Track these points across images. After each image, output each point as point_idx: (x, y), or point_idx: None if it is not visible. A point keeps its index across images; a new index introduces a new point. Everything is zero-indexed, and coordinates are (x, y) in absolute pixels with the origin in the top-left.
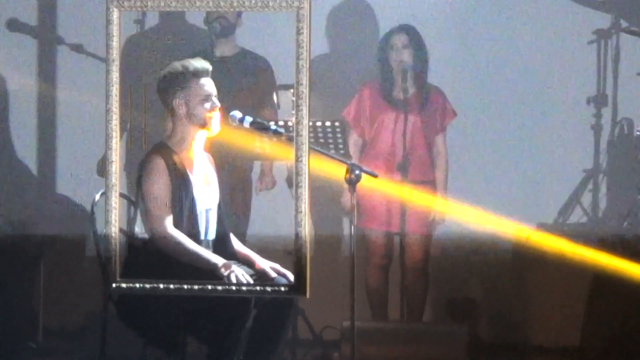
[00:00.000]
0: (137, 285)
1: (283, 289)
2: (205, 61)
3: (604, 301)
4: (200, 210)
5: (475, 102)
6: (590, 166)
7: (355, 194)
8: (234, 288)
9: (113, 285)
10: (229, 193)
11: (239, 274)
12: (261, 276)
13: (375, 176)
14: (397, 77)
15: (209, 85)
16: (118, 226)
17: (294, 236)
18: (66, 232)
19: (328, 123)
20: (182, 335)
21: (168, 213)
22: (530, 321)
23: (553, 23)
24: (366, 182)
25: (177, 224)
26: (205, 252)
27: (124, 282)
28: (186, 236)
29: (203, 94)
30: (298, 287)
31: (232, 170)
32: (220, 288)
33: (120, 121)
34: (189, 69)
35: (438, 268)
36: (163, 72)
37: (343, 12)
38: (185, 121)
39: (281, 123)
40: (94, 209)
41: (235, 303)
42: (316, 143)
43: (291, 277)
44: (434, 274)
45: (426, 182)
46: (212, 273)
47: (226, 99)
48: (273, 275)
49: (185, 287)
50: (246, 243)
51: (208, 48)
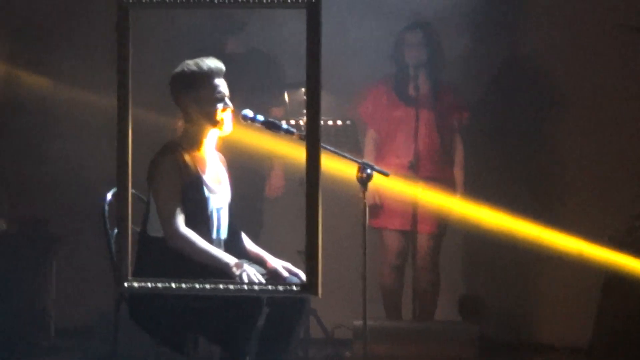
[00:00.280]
0: (149, 284)
1: (295, 288)
2: (218, 61)
3: (615, 299)
4: (211, 209)
5: (489, 100)
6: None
7: (366, 193)
8: (246, 287)
9: (125, 284)
10: (241, 192)
11: (251, 273)
12: (273, 275)
13: (386, 175)
14: (412, 74)
15: (222, 85)
16: (130, 225)
17: (306, 235)
18: (78, 231)
19: (339, 122)
20: (194, 334)
21: (179, 212)
22: (541, 320)
23: (572, 18)
24: (381, 181)
25: (189, 223)
26: (216, 251)
27: (136, 281)
28: (198, 235)
29: (216, 94)
30: (310, 287)
31: (244, 169)
32: (232, 287)
33: (132, 119)
34: (203, 68)
35: (450, 267)
36: (176, 71)
37: (354, 9)
38: (197, 120)
39: (292, 122)
40: (106, 208)
41: (247, 302)
42: (327, 142)
43: (303, 276)
44: (445, 273)
45: (441, 180)
46: (224, 272)
47: (236, 97)
48: (285, 274)
49: (197, 287)
50: (258, 242)
51: (218, 46)
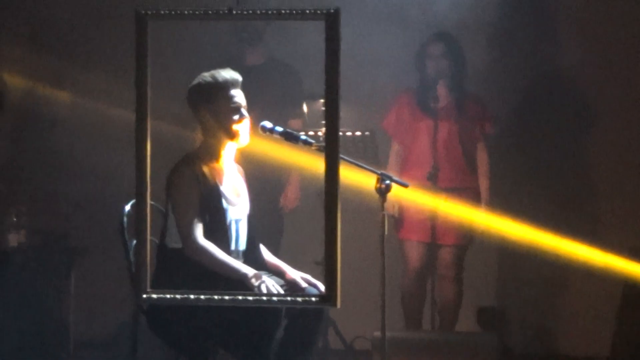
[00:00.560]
0: (168, 295)
1: (314, 300)
2: (235, 72)
3: (635, 310)
4: (230, 220)
5: (515, 112)
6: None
7: (385, 204)
8: (265, 298)
9: (143, 295)
10: (260, 203)
11: (270, 285)
12: (292, 286)
13: (406, 186)
14: (434, 86)
15: (239, 96)
16: (149, 237)
17: (325, 246)
18: (97, 243)
19: (358, 133)
20: (213, 346)
21: (198, 223)
22: (561, 331)
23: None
24: (404, 193)
25: (207, 235)
26: (235, 263)
27: (155, 293)
28: (216, 247)
29: (232, 106)
30: (329, 298)
31: (263, 180)
32: (251, 298)
33: (150, 131)
34: (219, 80)
35: (470, 277)
36: (193, 83)
37: (374, 20)
38: (214, 132)
39: (311, 133)
40: (125, 220)
41: (266, 313)
42: (346, 153)
43: (322, 288)
44: (466, 284)
45: (465, 190)
46: (243, 283)
47: (254, 108)
48: (304, 285)
49: (215, 298)
50: (277, 253)
51: (236, 57)
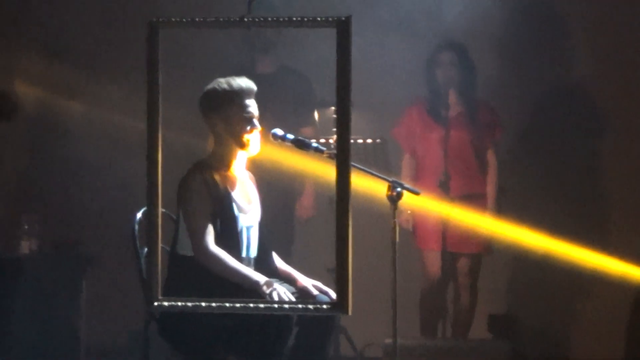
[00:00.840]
0: (179, 303)
1: (325, 307)
2: (250, 81)
3: None
4: (241, 228)
5: (531, 121)
6: None
7: (401, 216)
8: (276, 306)
9: (155, 303)
10: (271, 210)
11: (281, 292)
12: (303, 294)
13: (417, 193)
14: (445, 95)
15: (252, 106)
16: (160, 244)
17: (336, 253)
18: (108, 251)
19: (370, 140)
20: (225, 353)
21: (209, 231)
22: (573, 337)
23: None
24: (418, 202)
25: (219, 242)
26: (246, 270)
27: (166, 300)
28: (227, 254)
29: (245, 115)
30: (340, 305)
31: (274, 187)
32: (262, 306)
33: (162, 138)
34: (234, 87)
35: (483, 284)
36: (207, 88)
37: (385, 28)
38: (225, 140)
39: (322, 141)
40: (136, 227)
41: (277, 321)
42: (358, 160)
43: (333, 295)
44: (479, 291)
45: (478, 198)
46: (254, 291)
47: (266, 116)
48: (315, 292)
49: (227, 305)
50: (289, 260)
51: (247, 65)
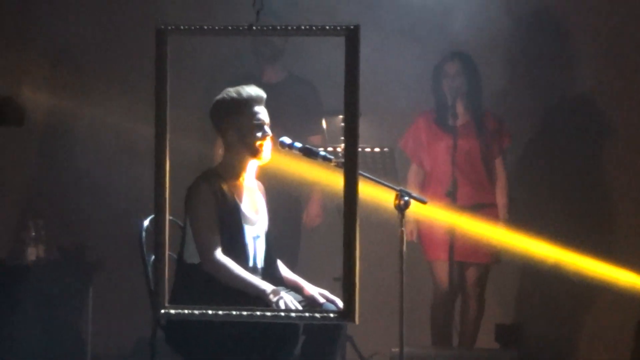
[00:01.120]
0: (186, 311)
1: (332, 315)
2: (259, 89)
3: None
4: (248, 237)
5: (539, 131)
6: None
7: (404, 220)
8: (283, 314)
9: (162, 310)
10: (278, 218)
11: (288, 300)
12: (310, 302)
13: (424, 202)
14: (452, 105)
15: (263, 113)
16: (167, 252)
17: (343, 262)
18: (115, 258)
19: (377, 149)
20: None
21: (216, 239)
22: (580, 347)
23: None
24: (423, 210)
25: (226, 251)
26: (253, 279)
27: (173, 308)
28: (234, 262)
29: (256, 123)
30: (347, 314)
31: (282, 195)
32: (269, 314)
33: (170, 146)
34: (243, 96)
35: (490, 294)
36: (217, 97)
37: (393, 37)
38: (236, 148)
39: (330, 149)
40: (143, 234)
41: (284, 329)
42: (365, 169)
43: (340, 304)
44: (486, 300)
45: (486, 207)
46: (261, 299)
47: (274, 124)
48: (322, 301)
49: (233, 313)
50: (296, 269)
51: (256, 73)
